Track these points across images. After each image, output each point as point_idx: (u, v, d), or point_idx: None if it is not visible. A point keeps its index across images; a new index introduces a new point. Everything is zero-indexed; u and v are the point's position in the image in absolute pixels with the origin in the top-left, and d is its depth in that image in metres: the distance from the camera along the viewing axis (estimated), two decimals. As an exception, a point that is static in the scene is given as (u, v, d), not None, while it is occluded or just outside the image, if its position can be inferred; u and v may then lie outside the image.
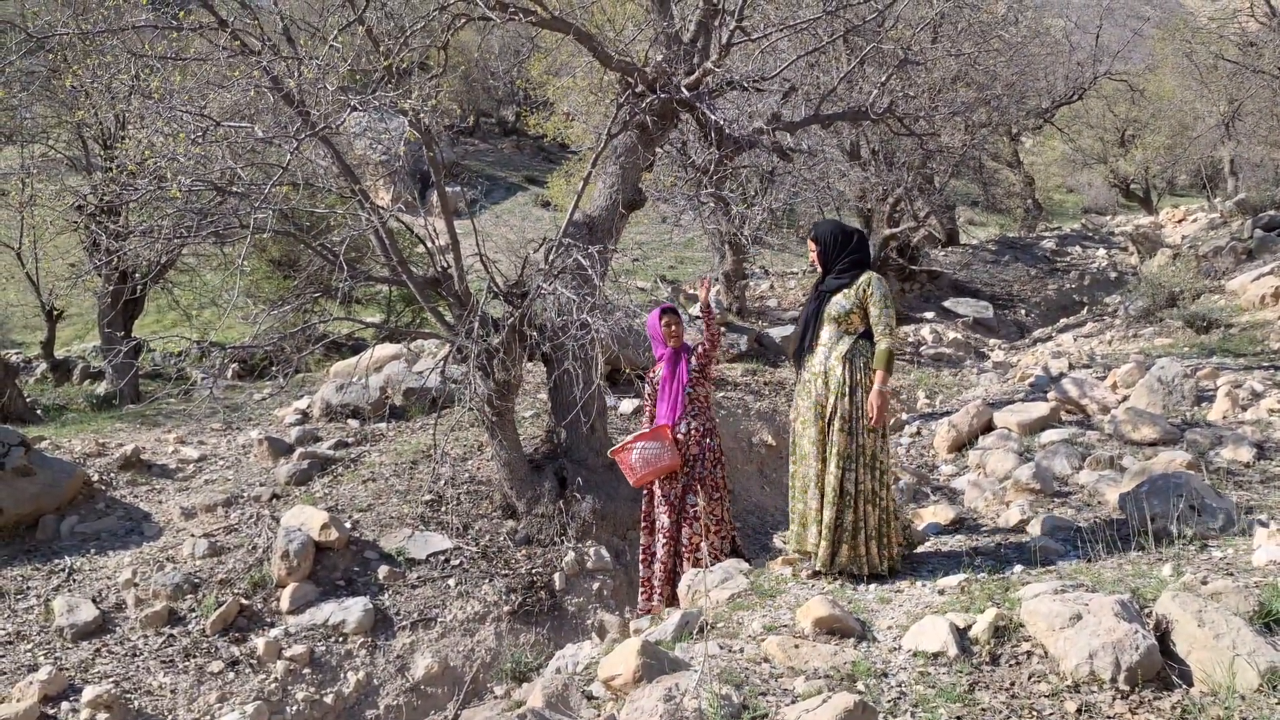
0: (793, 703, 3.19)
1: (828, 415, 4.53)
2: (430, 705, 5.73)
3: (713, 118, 6.21)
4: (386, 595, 6.20)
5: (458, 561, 6.58)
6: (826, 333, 4.63)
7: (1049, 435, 7.09)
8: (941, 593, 4.19)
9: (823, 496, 4.53)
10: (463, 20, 7.01)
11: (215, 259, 15.72)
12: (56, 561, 6.40)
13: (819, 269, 4.77)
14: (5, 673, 5.24)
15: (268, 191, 6.21)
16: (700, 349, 5.69)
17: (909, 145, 12.81)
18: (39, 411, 12.41)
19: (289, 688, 5.39)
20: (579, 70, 15.86)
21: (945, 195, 16.71)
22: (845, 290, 4.60)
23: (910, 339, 13.30)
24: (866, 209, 13.70)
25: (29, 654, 5.46)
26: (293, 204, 7.44)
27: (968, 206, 26.67)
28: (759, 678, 3.44)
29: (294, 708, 5.33)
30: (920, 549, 5.11)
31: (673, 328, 5.74)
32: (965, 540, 5.19)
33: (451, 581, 6.39)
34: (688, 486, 5.57)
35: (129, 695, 5.11)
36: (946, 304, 16.53)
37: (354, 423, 8.73)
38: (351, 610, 5.93)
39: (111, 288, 13.54)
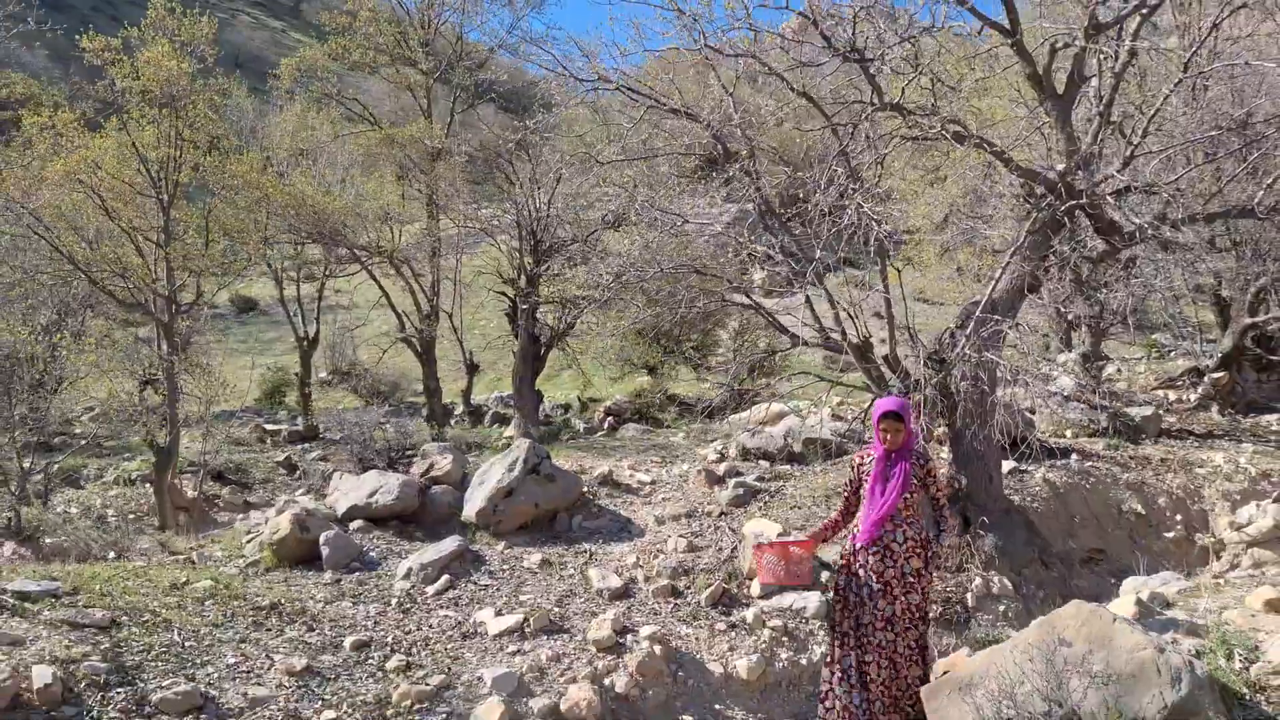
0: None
1: None
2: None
3: (1129, 221, 7.41)
4: (831, 594, 7.73)
5: (883, 575, 8.01)
6: None
7: None
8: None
9: None
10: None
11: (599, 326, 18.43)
12: (578, 546, 8.54)
13: None
14: (577, 613, 7.28)
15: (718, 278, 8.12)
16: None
17: (1275, 235, 13.04)
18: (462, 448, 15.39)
19: (775, 649, 7.04)
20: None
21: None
22: None
23: (1275, 428, 13.30)
24: (1226, 297, 13.92)
25: (584, 605, 7.50)
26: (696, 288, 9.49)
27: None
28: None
29: (779, 664, 6.96)
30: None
31: (889, 435, 4.99)
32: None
33: (881, 590, 7.83)
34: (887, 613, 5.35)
35: (668, 637, 6.97)
36: (1309, 396, 16.05)
37: (764, 463, 10.50)
38: (810, 600, 7.51)
39: (520, 348, 16.56)
